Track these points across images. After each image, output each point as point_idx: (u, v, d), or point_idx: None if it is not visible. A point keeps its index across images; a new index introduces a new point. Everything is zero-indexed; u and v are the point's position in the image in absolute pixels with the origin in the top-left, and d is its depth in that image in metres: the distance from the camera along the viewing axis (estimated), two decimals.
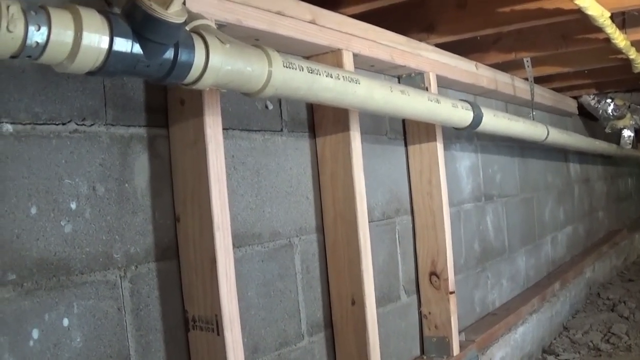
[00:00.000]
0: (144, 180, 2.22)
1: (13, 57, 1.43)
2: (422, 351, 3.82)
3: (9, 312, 1.79)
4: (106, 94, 2.12)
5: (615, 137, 7.92)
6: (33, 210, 1.88)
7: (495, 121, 3.75)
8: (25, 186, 1.87)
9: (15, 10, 1.37)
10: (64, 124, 1.99)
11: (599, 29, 3.55)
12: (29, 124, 1.89)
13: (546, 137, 4.76)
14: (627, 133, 7.96)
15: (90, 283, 2.02)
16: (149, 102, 2.26)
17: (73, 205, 1.99)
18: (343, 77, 2.35)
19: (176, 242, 2.30)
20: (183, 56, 1.72)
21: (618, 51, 4.23)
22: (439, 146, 3.73)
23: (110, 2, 2.06)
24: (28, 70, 1.89)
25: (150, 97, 2.26)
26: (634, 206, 10.55)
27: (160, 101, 2.29)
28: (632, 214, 10.16)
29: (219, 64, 1.82)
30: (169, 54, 1.70)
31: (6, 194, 1.82)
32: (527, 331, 4.95)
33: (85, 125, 2.04)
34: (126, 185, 2.16)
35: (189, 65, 1.75)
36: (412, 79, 3.64)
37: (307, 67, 2.16)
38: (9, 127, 1.84)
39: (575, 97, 7.13)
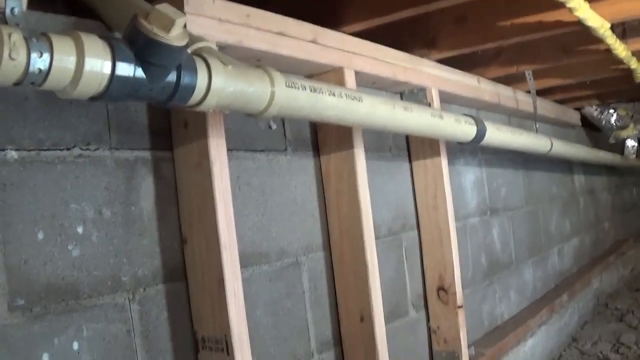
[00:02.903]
0: (150, 202, 2.23)
1: (16, 84, 1.43)
2: None
3: (18, 337, 1.79)
4: (110, 118, 2.13)
5: (619, 147, 7.93)
6: (40, 236, 1.89)
7: (498, 135, 3.76)
8: (32, 212, 1.88)
9: (17, 37, 1.38)
10: (68, 149, 2.00)
11: (600, 40, 3.55)
12: (34, 150, 1.91)
13: (550, 150, 4.75)
14: (631, 143, 7.98)
15: (99, 306, 2.02)
16: (152, 125, 2.27)
17: (80, 230, 2.00)
18: (345, 95, 2.35)
19: (184, 263, 2.30)
20: (185, 79, 1.73)
21: (619, 61, 4.23)
22: (443, 161, 3.74)
23: (111, 27, 2.07)
24: (31, 97, 1.90)
25: (153, 120, 2.27)
26: None
27: (163, 124, 2.30)
28: (638, 223, 10.12)
29: (221, 86, 1.82)
30: (172, 77, 1.70)
31: (13, 220, 1.83)
32: (536, 343, 4.95)
33: (89, 149, 2.06)
34: (132, 208, 2.17)
35: (191, 88, 1.76)
36: (414, 95, 3.65)
37: (309, 86, 2.17)
38: (13, 154, 1.85)
39: (578, 109, 7.13)
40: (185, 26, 1.70)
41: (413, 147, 3.82)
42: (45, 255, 1.90)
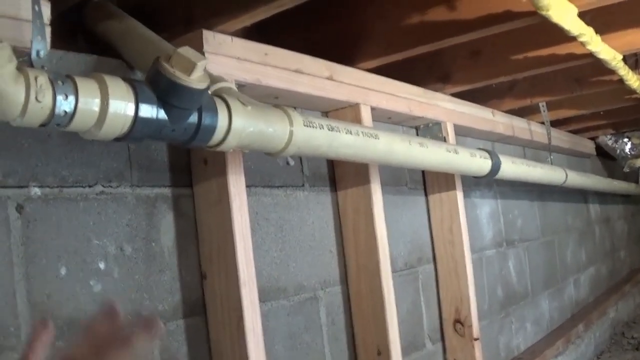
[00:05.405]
0: (170, 239, 2.25)
1: (42, 125, 1.46)
2: None
3: None
4: (131, 155, 2.16)
5: (634, 175, 7.92)
6: (63, 271, 1.92)
7: (513, 168, 3.77)
8: (55, 248, 1.91)
9: (44, 81, 1.41)
10: (90, 186, 2.03)
11: (613, 71, 3.58)
12: (57, 187, 1.94)
13: (565, 181, 4.77)
14: None
15: None
16: (172, 162, 2.30)
17: (102, 266, 2.02)
18: (362, 133, 2.37)
19: (203, 298, 2.32)
20: (206, 120, 1.75)
21: (632, 91, 4.25)
22: (459, 194, 3.76)
23: (133, 66, 2.11)
24: (54, 134, 1.93)
25: (173, 158, 2.31)
26: None
27: (183, 161, 2.33)
28: None
29: (241, 127, 1.85)
30: (193, 118, 1.72)
31: (36, 255, 1.86)
32: None
33: (111, 187, 2.09)
34: (153, 244, 2.19)
35: (212, 129, 1.78)
36: (430, 129, 3.68)
37: (327, 125, 2.19)
38: (37, 191, 1.89)
39: (592, 138, 7.16)
40: (205, 68, 1.73)
41: (429, 181, 3.84)
42: (68, 290, 1.93)
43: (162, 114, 1.64)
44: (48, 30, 1.66)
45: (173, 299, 2.24)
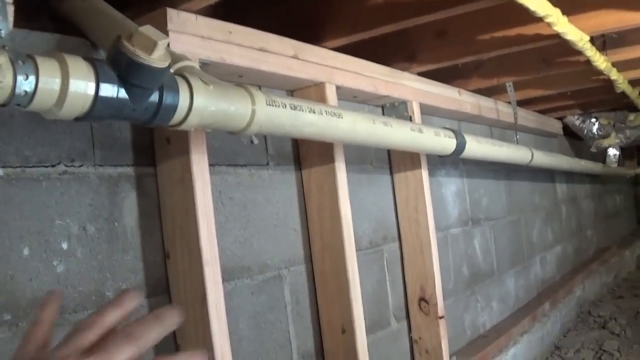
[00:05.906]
0: (133, 218, 2.25)
1: (2, 105, 1.46)
2: None
3: (4, 352, 1.81)
4: (94, 135, 2.15)
5: (601, 155, 7.96)
6: (25, 252, 1.92)
7: (478, 147, 3.78)
8: (17, 228, 1.91)
9: (4, 60, 1.40)
10: (53, 166, 2.02)
11: (580, 52, 3.59)
12: (19, 167, 1.93)
13: (530, 160, 4.79)
14: (613, 151, 8.00)
15: None
16: (135, 141, 2.29)
17: (64, 246, 2.02)
18: (325, 112, 2.37)
19: (166, 278, 2.32)
20: (168, 99, 1.74)
21: (600, 72, 4.26)
22: (424, 173, 3.76)
23: (96, 44, 2.10)
24: (16, 114, 1.92)
25: (136, 137, 2.30)
26: (624, 223, 10.57)
27: (146, 140, 2.32)
28: (621, 230, 10.17)
29: (203, 106, 1.84)
30: (154, 97, 1.72)
31: None
32: (518, 352, 4.96)
33: (74, 166, 2.08)
34: (116, 224, 2.19)
35: (173, 108, 1.77)
36: (395, 108, 3.68)
37: (289, 104, 2.19)
38: None
39: (559, 118, 7.17)
40: (168, 45, 1.72)
41: (394, 160, 3.84)
42: (31, 270, 1.92)
43: (122, 94, 1.63)
44: (10, 10, 1.64)
45: (136, 278, 2.24)
